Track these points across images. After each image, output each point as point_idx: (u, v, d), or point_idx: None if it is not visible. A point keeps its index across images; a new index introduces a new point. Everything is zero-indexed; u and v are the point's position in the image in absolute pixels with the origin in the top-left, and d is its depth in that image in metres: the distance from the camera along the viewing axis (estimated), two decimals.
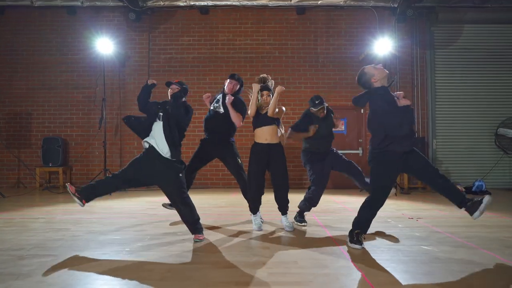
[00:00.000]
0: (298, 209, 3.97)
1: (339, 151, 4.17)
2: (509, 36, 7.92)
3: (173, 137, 3.17)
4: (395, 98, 3.00)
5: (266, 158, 3.56)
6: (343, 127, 7.83)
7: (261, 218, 3.87)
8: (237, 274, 2.41)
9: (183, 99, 3.44)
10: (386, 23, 7.93)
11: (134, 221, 4.20)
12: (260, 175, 3.57)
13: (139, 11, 7.71)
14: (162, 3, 7.81)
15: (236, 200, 5.83)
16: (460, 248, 3.08)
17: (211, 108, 4.10)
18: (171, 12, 7.98)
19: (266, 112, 3.59)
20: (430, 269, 2.51)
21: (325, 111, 3.98)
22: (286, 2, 7.82)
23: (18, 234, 3.54)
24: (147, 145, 3.29)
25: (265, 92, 3.65)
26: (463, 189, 6.92)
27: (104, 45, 7.07)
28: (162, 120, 3.23)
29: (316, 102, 3.92)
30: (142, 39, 7.94)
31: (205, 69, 7.92)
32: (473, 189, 6.90)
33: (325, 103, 3.98)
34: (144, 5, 7.79)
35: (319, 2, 7.79)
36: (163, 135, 3.17)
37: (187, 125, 3.38)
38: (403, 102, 2.98)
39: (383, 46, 7.29)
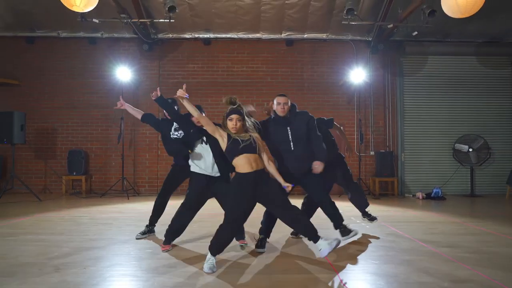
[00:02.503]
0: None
1: None
2: (466, 66, 9.35)
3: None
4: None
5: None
6: None
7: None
8: None
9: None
10: (362, 54, 9.32)
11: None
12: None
13: (151, 42, 9.03)
14: (170, 35, 9.15)
15: None
16: (390, 234, 4.41)
17: None
18: (178, 43, 9.30)
19: (245, 140, 3.12)
20: (363, 240, 3.84)
21: None
22: (277, 36, 9.20)
23: (76, 226, 4.80)
24: (197, 169, 3.57)
25: (234, 116, 3.14)
26: (424, 195, 8.33)
27: (123, 73, 8.37)
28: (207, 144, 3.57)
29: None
30: (153, 66, 9.25)
31: (207, 92, 9.22)
32: (432, 195, 8.27)
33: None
34: (155, 37, 9.12)
35: (305, 35, 9.18)
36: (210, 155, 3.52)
37: None
38: None
39: (358, 75, 8.67)
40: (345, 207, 6.79)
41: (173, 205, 4.03)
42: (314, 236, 3.11)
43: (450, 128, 9.20)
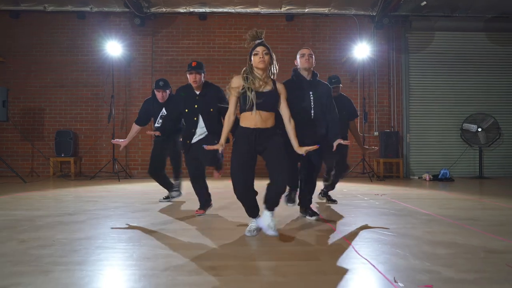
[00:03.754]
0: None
1: None
2: (474, 42, 8.88)
3: None
4: None
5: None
6: None
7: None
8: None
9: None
10: (366, 29, 8.84)
11: (138, 198, 5.03)
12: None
13: (143, 17, 8.50)
14: (164, 9, 8.62)
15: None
16: (403, 209, 3.99)
17: None
18: (173, 18, 8.79)
19: (267, 92, 2.75)
20: (372, 213, 3.41)
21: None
22: (276, 10, 8.69)
23: (57, 203, 4.36)
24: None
25: (260, 49, 2.73)
26: (431, 177, 7.92)
27: (113, 48, 7.87)
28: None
29: (333, 80, 4.36)
30: (146, 42, 8.74)
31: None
32: (439, 176, 7.86)
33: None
34: (148, 11, 8.59)
35: (306, 10, 8.67)
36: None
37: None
38: None
39: (362, 51, 8.20)
40: (350, 186, 6.40)
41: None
42: (269, 205, 2.77)
43: (458, 107, 8.77)
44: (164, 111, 4.26)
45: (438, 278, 1.90)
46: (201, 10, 8.65)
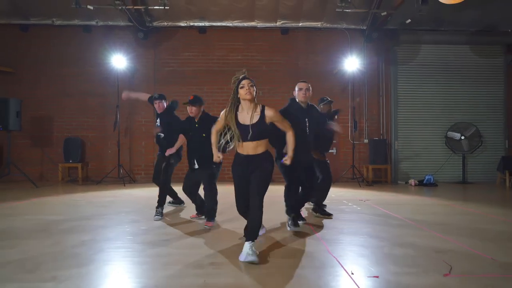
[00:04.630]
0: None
1: None
2: (459, 55, 9.44)
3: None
4: None
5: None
6: None
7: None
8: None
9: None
10: (357, 42, 9.38)
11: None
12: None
13: (146, 30, 9.04)
14: (166, 23, 9.16)
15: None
16: (381, 215, 4.53)
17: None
18: (174, 31, 9.32)
19: (253, 125, 2.85)
20: (355, 218, 3.95)
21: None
22: (272, 24, 9.24)
23: (74, 208, 4.90)
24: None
25: (246, 82, 2.87)
26: (417, 182, 8.47)
27: (118, 61, 8.41)
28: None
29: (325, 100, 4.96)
30: (149, 54, 9.27)
31: (202, 80, 9.26)
32: (424, 181, 8.41)
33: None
34: (150, 25, 9.13)
35: (300, 24, 9.22)
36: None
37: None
38: None
39: (352, 63, 8.75)
40: (338, 192, 6.92)
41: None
42: (249, 237, 2.76)
43: (443, 116, 9.32)
44: (158, 121, 4.78)
45: (386, 271, 2.45)
46: (200, 24, 9.19)
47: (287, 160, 3.10)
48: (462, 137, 8.90)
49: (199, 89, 9.18)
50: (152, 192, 6.81)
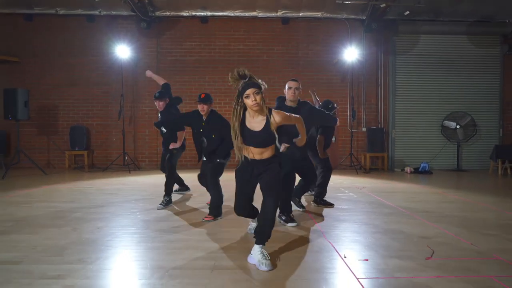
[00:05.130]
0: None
1: None
2: (457, 45, 9.60)
3: None
4: None
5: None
6: None
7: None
8: None
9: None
10: (356, 32, 9.53)
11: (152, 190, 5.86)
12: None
13: (149, 20, 9.17)
14: (168, 13, 9.28)
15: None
16: (374, 202, 4.82)
17: None
18: (176, 21, 9.45)
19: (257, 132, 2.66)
20: (351, 206, 4.24)
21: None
22: (272, 14, 9.36)
23: (85, 196, 5.18)
24: None
25: (250, 91, 2.57)
26: (412, 170, 8.75)
27: (122, 50, 8.57)
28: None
29: (329, 106, 4.70)
30: (152, 43, 9.42)
31: (204, 69, 9.45)
32: (420, 169, 8.70)
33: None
34: (153, 14, 9.25)
35: (301, 14, 9.34)
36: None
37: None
38: None
39: (352, 53, 8.92)
40: (336, 179, 7.21)
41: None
42: (259, 240, 2.65)
43: (440, 105, 9.54)
44: (159, 118, 4.93)
45: (374, 255, 2.74)
46: (202, 13, 9.32)
47: (284, 147, 2.92)
48: (458, 126, 9.14)
49: (201, 79, 9.39)
50: (157, 179, 7.11)
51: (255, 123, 2.66)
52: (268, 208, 2.61)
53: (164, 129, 4.85)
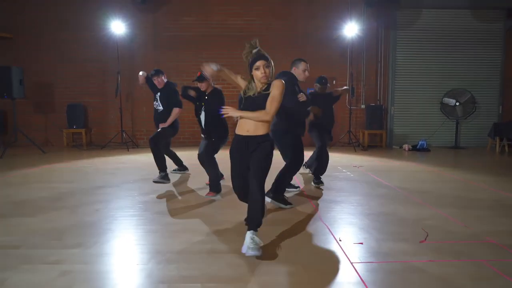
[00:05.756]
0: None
1: None
2: (460, 19, 9.39)
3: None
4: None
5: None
6: None
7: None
8: None
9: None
10: (357, 7, 9.29)
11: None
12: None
13: None
14: None
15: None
16: (370, 182, 4.86)
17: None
18: None
19: (257, 95, 2.64)
20: (348, 186, 4.28)
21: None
22: None
23: (83, 175, 5.20)
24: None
25: (261, 63, 2.58)
26: (410, 147, 8.77)
27: (117, 26, 8.39)
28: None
29: (323, 81, 4.94)
30: (148, 19, 9.20)
31: (202, 45, 9.27)
32: (418, 147, 8.72)
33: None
34: None
35: None
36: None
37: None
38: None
39: (352, 29, 8.73)
40: (334, 157, 7.23)
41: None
42: (249, 223, 2.56)
43: (440, 82, 9.44)
44: (158, 96, 4.85)
45: (369, 238, 2.78)
46: None
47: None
48: (457, 103, 9.09)
49: (199, 55, 9.23)
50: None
51: (256, 89, 2.67)
52: (252, 191, 2.53)
53: (160, 106, 4.82)
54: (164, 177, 4.69)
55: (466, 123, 9.50)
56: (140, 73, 5.02)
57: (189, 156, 6.32)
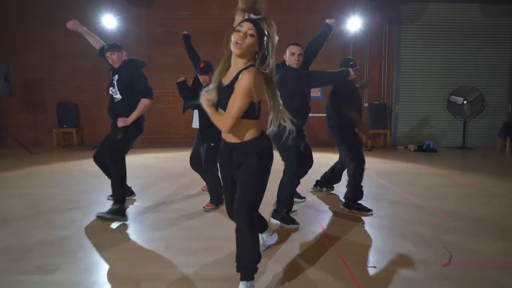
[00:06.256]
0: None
1: (316, 115, 4.40)
2: (467, 14, 8.97)
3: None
4: None
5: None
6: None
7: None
8: None
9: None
10: (360, 1, 8.88)
11: (147, 172, 5.49)
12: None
13: None
14: None
15: None
16: (379, 186, 4.46)
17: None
18: None
19: (225, 85, 1.88)
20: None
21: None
22: None
23: (69, 179, 4.81)
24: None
25: (245, 25, 1.88)
26: (416, 147, 8.36)
27: (108, 21, 7.98)
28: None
29: (351, 63, 3.59)
30: (141, 13, 8.78)
31: (197, 41, 8.80)
32: (424, 147, 8.32)
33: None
34: None
35: None
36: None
37: None
38: None
39: (355, 23, 8.32)
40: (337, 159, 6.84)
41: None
42: (244, 273, 1.93)
43: (447, 79, 9.03)
44: (115, 79, 3.44)
45: (383, 260, 2.39)
46: None
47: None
48: (465, 102, 8.68)
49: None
50: (148, 159, 6.74)
51: (229, 74, 1.89)
52: (238, 225, 1.88)
53: (118, 94, 3.34)
54: (118, 212, 3.14)
55: (474, 123, 9.09)
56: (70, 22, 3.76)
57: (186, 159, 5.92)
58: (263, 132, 1.92)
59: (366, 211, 3.43)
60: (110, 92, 3.42)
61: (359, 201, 3.54)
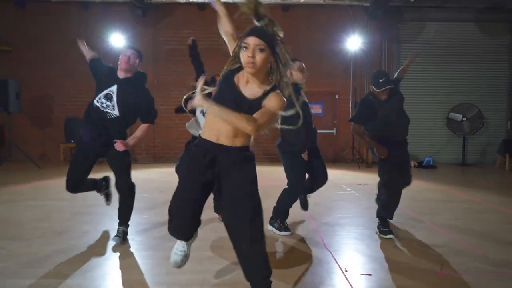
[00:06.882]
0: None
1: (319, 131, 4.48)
2: (464, 33, 9.25)
3: None
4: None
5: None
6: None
7: None
8: None
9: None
10: (359, 20, 9.18)
11: (152, 185, 5.64)
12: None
13: (144, 7, 8.84)
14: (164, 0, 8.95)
15: None
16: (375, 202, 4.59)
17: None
18: (173, 8, 9.12)
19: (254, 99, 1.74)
20: (353, 206, 4.02)
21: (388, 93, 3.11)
22: (272, 0, 9.00)
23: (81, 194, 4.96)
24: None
25: (252, 41, 1.71)
26: (416, 164, 8.51)
27: (117, 39, 8.28)
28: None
29: (380, 80, 3.15)
30: (148, 32, 9.11)
31: (203, 58, 9.11)
32: (424, 163, 8.45)
33: (390, 83, 3.18)
34: (149, 1, 8.92)
35: (302, 0, 8.99)
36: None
37: None
38: None
39: (354, 42, 8.59)
40: (337, 175, 6.98)
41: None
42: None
43: (446, 96, 9.24)
44: (114, 89, 3.11)
45: (379, 268, 2.52)
46: (199, 0, 8.97)
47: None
48: (464, 119, 8.86)
49: None
50: (153, 174, 6.90)
51: (248, 87, 1.77)
52: (252, 252, 1.74)
53: (116, 109, 2.90)
54: (124, 234, 3.04)
55: (473, 139, 9.25)
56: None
57: None
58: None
59: (384, 234, 3.15)
60: (102, 104, 2.92)
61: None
